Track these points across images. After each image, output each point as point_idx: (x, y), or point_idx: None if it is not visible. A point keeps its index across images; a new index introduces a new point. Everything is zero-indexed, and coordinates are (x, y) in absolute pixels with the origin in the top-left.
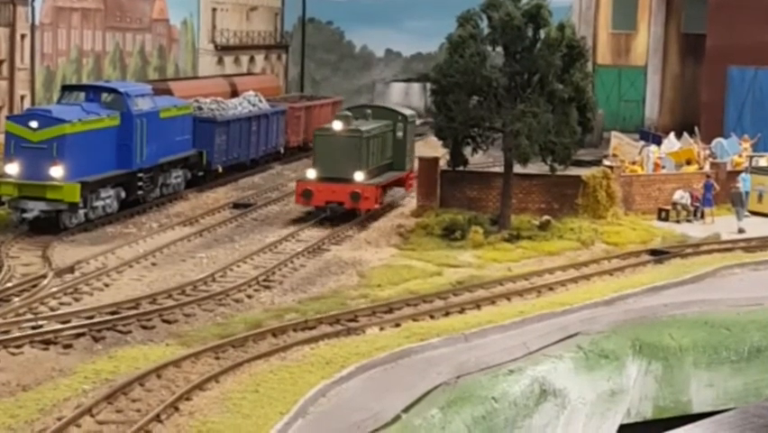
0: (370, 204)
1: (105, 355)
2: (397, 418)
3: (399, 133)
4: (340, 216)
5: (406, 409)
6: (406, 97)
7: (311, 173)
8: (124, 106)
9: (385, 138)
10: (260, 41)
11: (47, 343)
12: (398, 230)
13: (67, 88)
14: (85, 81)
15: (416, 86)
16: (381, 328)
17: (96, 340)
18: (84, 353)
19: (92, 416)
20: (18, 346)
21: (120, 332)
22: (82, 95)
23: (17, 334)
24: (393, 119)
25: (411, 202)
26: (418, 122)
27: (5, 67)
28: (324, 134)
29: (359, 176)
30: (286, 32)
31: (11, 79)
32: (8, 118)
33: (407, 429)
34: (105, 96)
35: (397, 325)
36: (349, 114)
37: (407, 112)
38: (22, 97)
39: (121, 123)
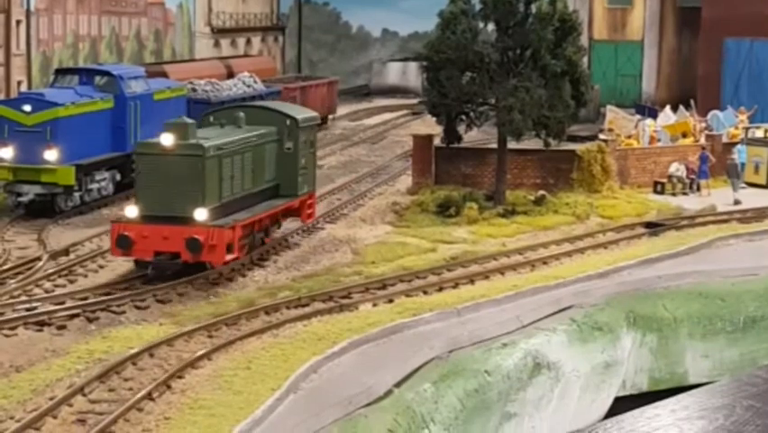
0: (218, 256)
1: (99, 336)
2: (389, 392)
3: (288, 145)
4: (181, 270)
5: (399, 384)
6: (403, 77)
7: (131, 211)
8: (118, 89)
9: (260, 153)
10: (257, 23)
11: (41, 324)
12: (393, 207)
13: (60, 72)
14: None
15: (412, 65)
16: (374, 304)
17: (89, 321)
18: (78, 333)
19: (84, 395)
20: (12, 328)
21: (114, 312)
22: (75, 78)
23: (12, 315)
24: (279, 125)
25: (407, 180)
26: (413, 101)
27: (1, 53)
28: (147, 152)
29: (200, 214)
30: (282, 14)
31: (7, 65)
32: (2, 102)
33: (400, 404)
34: (98, 78)
35: (390, 301)
36: (192, 122)
37: (303, 114)
38: (19, 83)
39: (114, 105)
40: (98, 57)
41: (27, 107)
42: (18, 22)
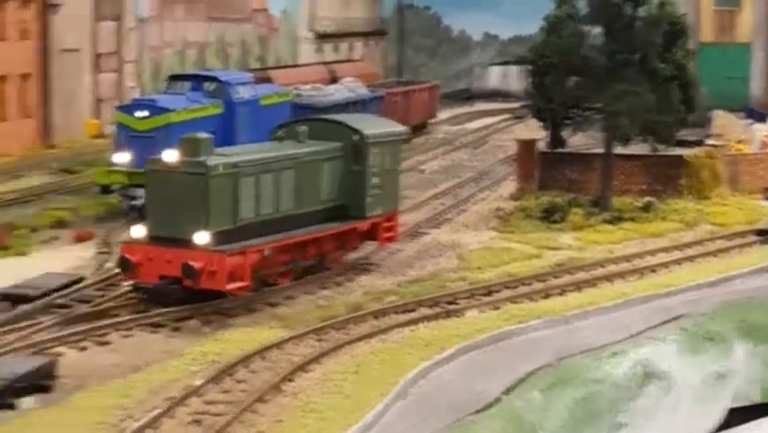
0: (218, 283)
1: (212, 338)
2: (497, 400)
3: (355, 162)
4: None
5: (507, 392)
6: (504, 80)
7: (137, 231)
8: (227, 95)
9: (311, 171)
10: (359, 28)
11: (156, 326)
12: (497, 213)
13: (172, 78)
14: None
15: (513, 68)
16: (481, 311)
17: (203, 323)
18: (191, 335)
19: (199, 396)
20: (128, 329)
21: (226, 315)
22: (187, 84)
23: (127, 317)
24: (345, 140)
25: (510, 185)
26: (514, 105)
27: (114, 59)
28: (154, 169)
29: (201, 237)
30: (384, 19)
31: (120, 72)
32: (117, 108)
33: (508, 411)
34: (207, 84)
35: (497, 307)
36: (207, 137)
37: (376, 129)
38: (131, 89)
39: (223, 111)
40: (205, 63)
41: (141, 113)
42: (130, 29)
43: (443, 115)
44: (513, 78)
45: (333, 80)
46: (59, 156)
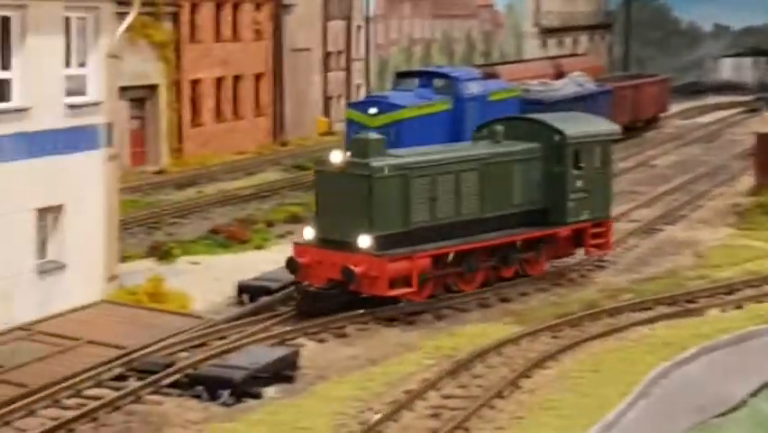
0: (379, 289)
1: (446, 332)
2: (743, 402)
3: (555, 165)
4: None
5: (754, 394)
6: (737, 72)
7: (307, 232)
8: (455, 91)
9: (500, 173)
10: (584, 21)
11: (391, 319)
12: (734, 209)
13: (400, 75)
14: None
15: (747, 60)
16: (723, 310)
17: (437, 318)
18: (426, 329)
19: (437, 390)
20: (365, 323)
21: (459, 310)
22: (415, 81)
23: (361, 311)
24: (545, 141)
25: (747, 180)
26: (747, 98)
27: (343, 58)
28: (322, 170)
29: (364, 241)
30: (609, 12)
31: (348, 69)
32: (348, 105)
33: (756, 415)
34: (436, 81)
35: (739, 307)
36: (378, 137)
37: (580, 128)
38: (358, 86)
39: (452, 106)
40: (431, 59)
41: (373, 110)
42: (358, 27)
43: (673, 108)
44: (746, 69)
45: (559, 75)
46: (290, 153)
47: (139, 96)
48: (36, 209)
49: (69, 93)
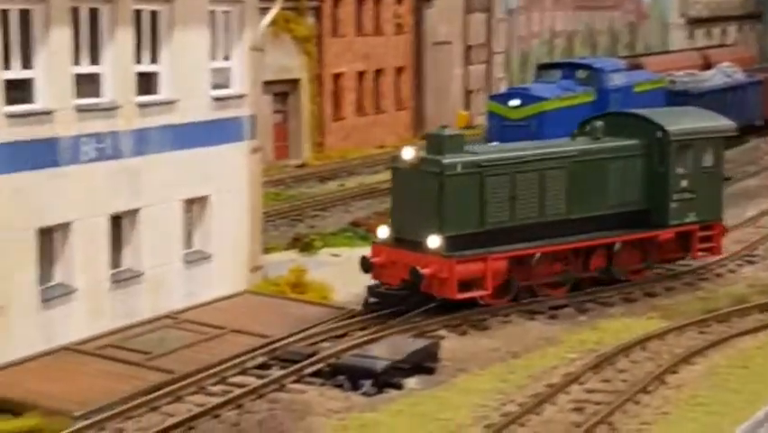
0: (448, 291)
1: (589, 327)
2: None
3: (658, 163)
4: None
5: None
6: None
7: (382, 231)
8: (599, 82)
9: (591, 171)
10: (733, 11)
11: (533, 313)
12: None
13: (542, 67)
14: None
15: None
16: None
17: (580, 312)
18: (568, 324)
19: (580, 384)
20: (506, 315)
21: (603, 304)
22: (557, 72)
23: (506, 304)
24: (647, 138)
25: None
26: None
27: (484, 51)
28: (396, 166)
29: (433, 241)
30: (760, 0)
31: (489, 62)
32: (490, 98)
33: None
34: (579, 72)
35: None
36: (455, 133)
37: (689, 124)
38: (499, 79)
39: (596, 98)
40: (573, 52)
41: (514, 102)
42: (499, 20)
43: None
44: None
45: (707, 66)
46: None
47: (282, 91)
48: (183, 200)
49: (215, 86)
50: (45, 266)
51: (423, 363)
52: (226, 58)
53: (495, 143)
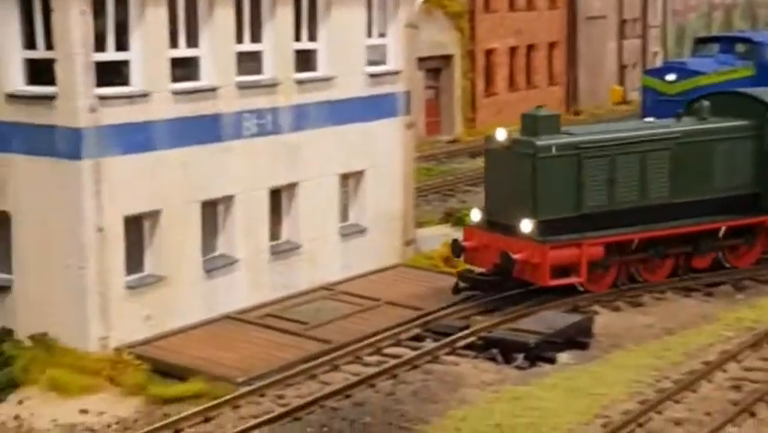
0: (540, 278)
1: (746, 304)
2: None
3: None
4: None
5: None
6: None
7: (475, 214)
8: (760, 56)
9: (696, 153)
10: None
11: (689, 290)
12: None
13: (700, 41)
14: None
15: None
16: None
17: (737, 289)
18: (725, 301)
19: (737, 362)
20: (661, 292)
21: (762, 282)
22: (715, 46)
23: (660, 280)
24: (758, 117)
25: None
26: None
27: (638, 25)
28: (490, 147)
29: (526, 225)
30: None
31: (643, 37)
32: (645, 72)
33: None
34: (738, 46)
35: None
36: (551, 113)
37: None
38: (654, 54)
39: (755, 73)
40: (731, 25)
41: (671, 77)
42: None
43: None
44: None
45: None
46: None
47: (434, 67)
48: (339, 175)
49: (370, 62)
50: (208, 238)
51: (576, 339)
52: (382, 35)
53: (597, 125)
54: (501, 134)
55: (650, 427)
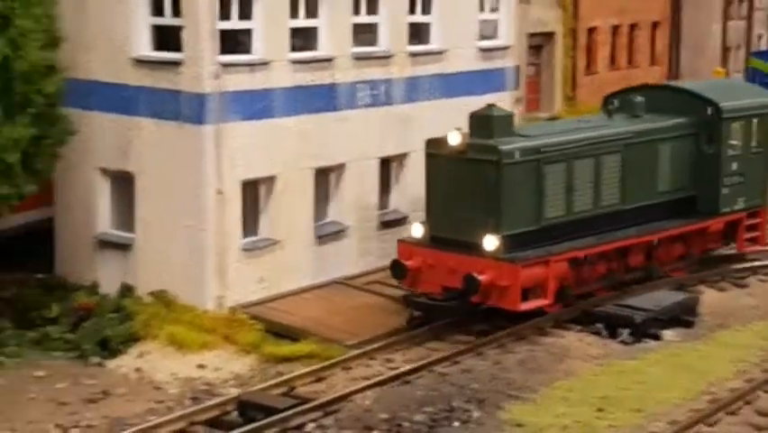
0: (509, 301)
1: None
2: None
3: (705, 144)
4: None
5: None
6: None
7: (417, 229)
8: None
9: (643, 155)
10: None
11: None
12: None
13: None
14: None
15: None
16: None
17: None
18: None
19: None
20: (766, 275)
21: None
22: None
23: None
24: (695, 115)
25: None
26: None
27: (744, 6)
28: (434, 152)
29: (490, 242)
30: None
31: (749, 18)
32: (753, 54)
33: None
34: None
35: None
36: (505, 112)
37: (738, 100)
38: (759, 36)
39: None
40: None
41: None
42: None
43: None
44: None
45: None
46: None
47: (536, 44)
48: None
49: (482, 37)
50: (320, 205)
51: (681, 317)
52: (494, 10)
53: (543, 123)
54: (455, 138)
55: (757, 405)
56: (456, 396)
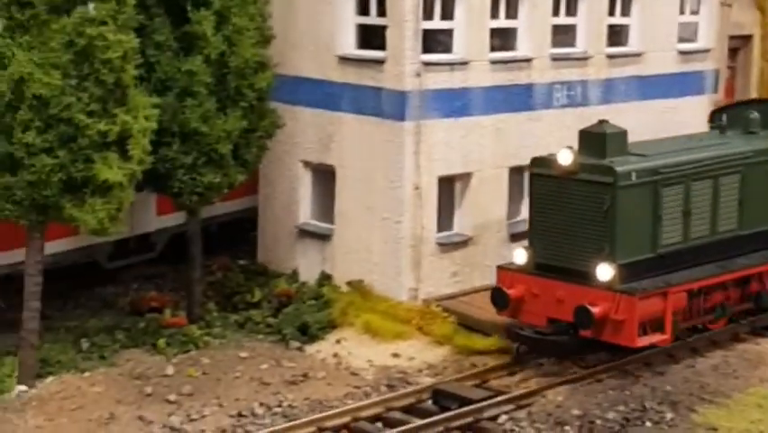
0: (626, 337)
1: None
2: None
3: None
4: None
5: None
6: None
7: (519, 255)
8: None
9: (762, 176)
10: None
11: None
12: None
13: None
14: None
15: None
16: None
17: None
18: None
19: None
20: None
21: None
22: None
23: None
24: None
25: None
26: None
27: None
28: (541, 173)
29: (604, 272)
30: None
31: None
32: None
33: None
34: None
35: None
36: (619, 129)
37: None
38: None
39: None
40: None
41: None
42: None
43: None
44: None
45: None
46: None
47: (732, 47)
48: None
49: (681, 39)
50: (513, 203)
51: None
52: (694, 12)
53: (655, 140)
54: (566, 157)
55: None
56: (649, 397)
